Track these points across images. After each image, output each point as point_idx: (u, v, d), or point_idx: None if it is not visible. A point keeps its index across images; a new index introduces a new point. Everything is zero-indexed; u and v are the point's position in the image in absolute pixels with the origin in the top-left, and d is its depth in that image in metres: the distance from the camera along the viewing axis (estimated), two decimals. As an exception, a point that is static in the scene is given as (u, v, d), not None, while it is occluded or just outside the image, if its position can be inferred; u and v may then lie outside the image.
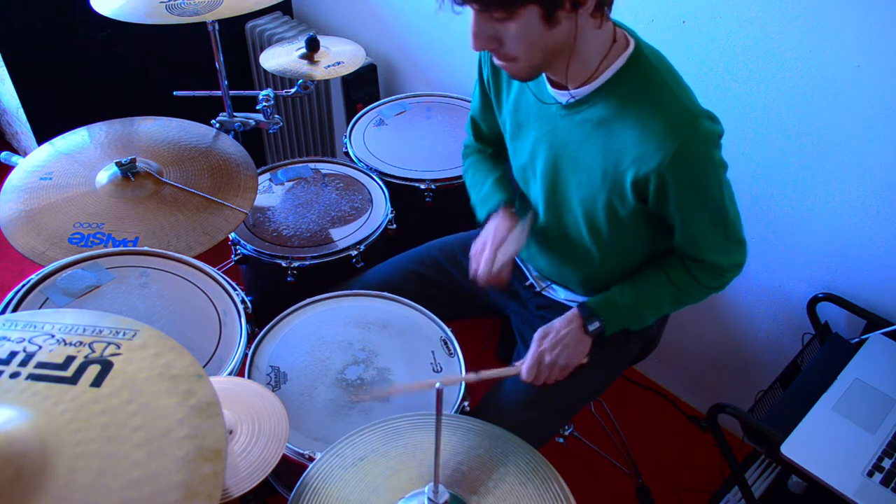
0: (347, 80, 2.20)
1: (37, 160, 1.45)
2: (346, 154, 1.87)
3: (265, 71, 1.76)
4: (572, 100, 1.11)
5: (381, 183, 1.76)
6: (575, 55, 1.04)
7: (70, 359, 0.74)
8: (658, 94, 1.05)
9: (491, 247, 1.24)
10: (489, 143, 1.46)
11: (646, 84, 1.06)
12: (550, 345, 1.23)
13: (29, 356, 0.74)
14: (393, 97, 2.06)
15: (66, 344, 0.76)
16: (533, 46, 0.99)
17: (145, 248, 1.30)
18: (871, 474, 1.20)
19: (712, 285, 1.24)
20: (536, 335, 1.25)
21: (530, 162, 1.25)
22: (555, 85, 1.13)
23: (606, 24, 1.03)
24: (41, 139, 2.18)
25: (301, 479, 0.94)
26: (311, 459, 1.12)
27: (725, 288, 1.25)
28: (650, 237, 1.21)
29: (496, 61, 1.06)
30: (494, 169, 1.42)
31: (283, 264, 1.56)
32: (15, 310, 1.16)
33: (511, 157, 1.32)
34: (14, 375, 0.72)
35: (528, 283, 1.45)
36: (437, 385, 0.78)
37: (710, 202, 1.11)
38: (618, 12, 1.05)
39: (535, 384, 1.25)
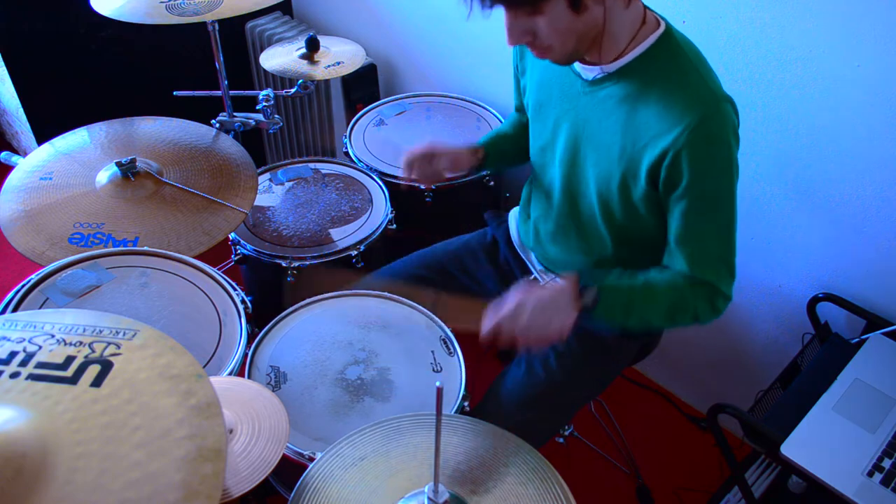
0: (347, 80, 2.20)
1: (37, 160, 1.45)
2: (346, 154, 1.87)
3: (265, 71, 1.76)
4: (599, 75, 1.12)
5: (381, 183, 1.76)
6: (605, 35, 1.06)
7: (70, 359, 0.74)
8: (684, 74, 1.06)
9: (427, 144, 1.41)
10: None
11: (673, 64, 1.07)
12: (534, 301, 1.07)
13: (29, 356, 0.74)
14: (393, 97, 2.06)
15: (66, 344, 0.76)
16: (564, 34, 1.02)
17: (145, 248, 1.30)
18: (871, 474, 1.20)
19: (700, 309, 1.15)
20: (521, 286, 1.10)
21: (550, 142, 1.26)
22: (582, 61, 1.14)
23: (635, 3, 1.05)
24: (41, 139, 2.18)
25: (301, 479, 0.94)
26: (311, 459, 1.12)
27: (706, 323, 1.17)
28: (661, 228, 1.19)
29: (533, 53, 1.08)
30: (508, 128, 1.51)
31: (283, 264, 1.56)
32: (15, 310, 1.16)
33: (531, 140, 1.34)
34: (14, 375, 0.72)
35: (532, 277, 1.46)
36: (438, 384, 0.78)
37: (717, 196, 1.09)
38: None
39: (495, 339, 1.08)
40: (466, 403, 1.26)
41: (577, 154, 1.20)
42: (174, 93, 1.73)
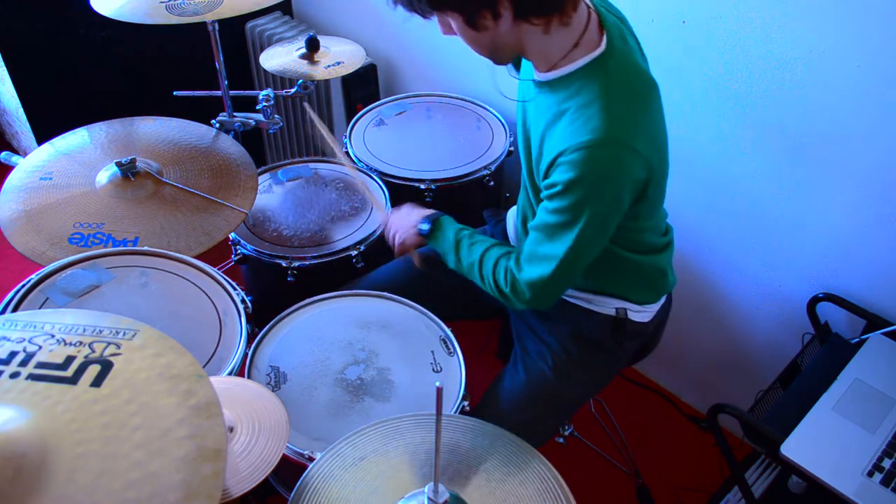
0: (347, 80, 2.20)
1: (37, 160, 1.45)
2: (347, 154, 1.87)
3: (265, 71, 1.76)
4: (541, 79, 1.11)
5: (381, 183, 1.76)
6: (527, 52, 1.07)
7: (70, 359, 0.74)
8: (589, 103, 1.02)
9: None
10: None
11: (585, 90, 1.04)
12: (398, 216, 1.41)
13: (29, 356, 0.74)
14: (393, 97, 2.06)
15: (66, 344, 0.76)
16: (472, 43, 1.06)
17: (145, 248, 1.30)
18: (871, 474, 1.20)
19: (496, 281, 1.22)
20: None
21: (517, 136, 1.26)
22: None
23: (562, 30, 1.02)
24: (41, 139, 2.18)
25: (301, 479, 0.94)
26: (311, 459, 1.12)
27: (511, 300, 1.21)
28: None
29: None
30: None
31: (283, 264, 1.56)
32: (15, 310, 1.16)
33: None
34: (14, 375, 0.72)
35: None
36: (438, 384, 0.78)
37: (551, 226, 1.08)
38: (618, 12, 1.05)
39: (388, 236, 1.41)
40: (466, 403, 1.26)
41: (529, 151, 1.20)
42: (174, 93, 1.73)
